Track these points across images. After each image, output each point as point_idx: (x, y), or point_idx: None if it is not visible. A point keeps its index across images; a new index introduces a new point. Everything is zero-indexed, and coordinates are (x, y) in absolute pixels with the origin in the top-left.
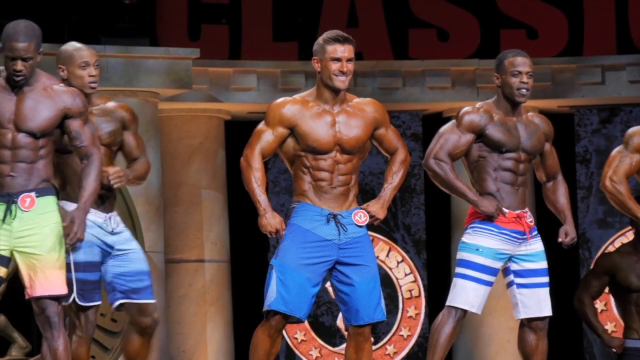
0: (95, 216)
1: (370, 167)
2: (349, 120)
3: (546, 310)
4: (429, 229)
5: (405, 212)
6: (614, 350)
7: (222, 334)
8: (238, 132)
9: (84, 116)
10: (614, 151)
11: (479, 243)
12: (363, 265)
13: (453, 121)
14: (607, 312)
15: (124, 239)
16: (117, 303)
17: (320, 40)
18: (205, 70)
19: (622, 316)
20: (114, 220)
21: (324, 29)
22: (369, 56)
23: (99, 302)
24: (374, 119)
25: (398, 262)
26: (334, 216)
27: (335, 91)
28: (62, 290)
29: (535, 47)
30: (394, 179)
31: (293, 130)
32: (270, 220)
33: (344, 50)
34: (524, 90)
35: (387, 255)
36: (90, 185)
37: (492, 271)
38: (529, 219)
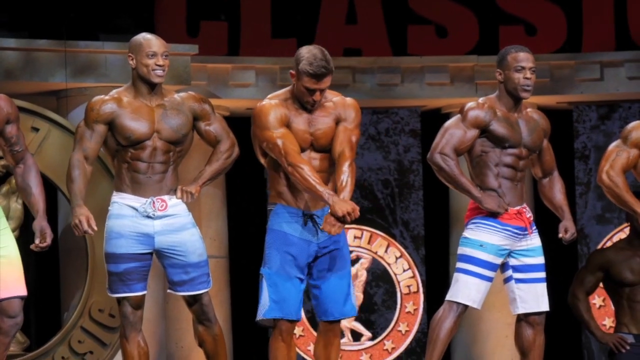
0: (132, 201)
1: (368, 164)
2: (321, 118)
3: (544, 305)
4: (428, 225)
5: (403, 208)
6: (609, 346)
7: None
8: (237, 128)
9: (19, 121)
10: (611, 145)
11: (482, 239)
12: (336, 260)
13: (458, 116)
14: (605, 307)
15: (170, 228)
16: (168, 290)
17: (301, 65)
18: (204, 67)
19: (614, 310)
20: (161, 204)
21: (323, 25)
22: (367, 52)
23: (123, 295)
24: (338, 115)
25: (397, 258)
26: (310, 216)
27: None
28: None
29: (534, 43)
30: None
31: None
32: (342, 205)
33: (319, 84)
34: (527, 86)
35: (386, 251)
36: (41, 194)
37: (493, 267)
38: (528, 214)
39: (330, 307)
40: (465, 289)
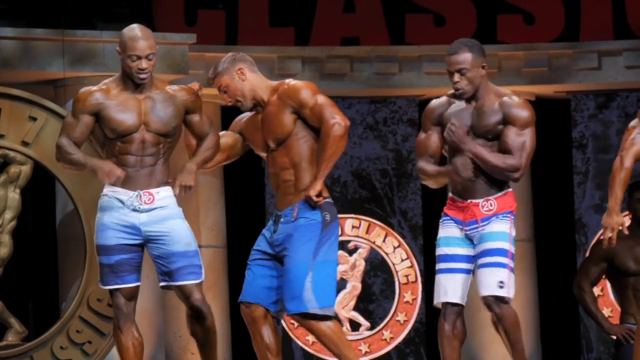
0: (120, 194)
1: (366, 153)
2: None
3: (484, 290)
4: (426, 215)
5: (401, 198)
6: (614, 337)
7: (218, 319)
8: (234, 118)
9: None
10: (630, 125)
11: (438, 236)
12: (289, 257)
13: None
14: (603, 297)
15: (157, 218)
16: (160, 284)
17: None
18: (201, 56)
19: (619, 301)
20: (147, 197)
21: (321, 14)
22: (365, 41)
23: (115, 286)
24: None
25: (394, 248)
26: (276, 214)
27: None
28: None
29: (532, 32)
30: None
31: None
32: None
33: None
34: (458, 91)
35: (384, 241)
36: None
37: (452, 258)
38: (486, 208)
39: (285, 302)
40: (436, 289)
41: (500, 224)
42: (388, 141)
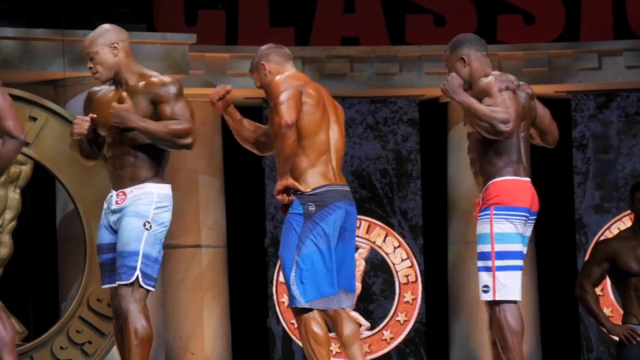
0: (108, 194)
1: (366, 153)
2: None
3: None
4: (426, 215)
5: (401, 198)
6: (617, 338)
7: (218, 319)
8: None
9: None
10: None
11: None
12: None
13: None
14: (603, 297)
15: (119, 217)
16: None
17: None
18: (202, 56)
19: (621, 302)
20: (120, 197)
21: (321, 14)
22: (365, 41)
23: (110, 285)
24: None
25: (395, 248)
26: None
27: None
28: None
29: (532, 32)
30: None
31: None
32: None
33: None
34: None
35: (384, 241)
36: None
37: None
38: (480, 205)
39: None
40: None
41: (480, 225)
42: (388, 141)
